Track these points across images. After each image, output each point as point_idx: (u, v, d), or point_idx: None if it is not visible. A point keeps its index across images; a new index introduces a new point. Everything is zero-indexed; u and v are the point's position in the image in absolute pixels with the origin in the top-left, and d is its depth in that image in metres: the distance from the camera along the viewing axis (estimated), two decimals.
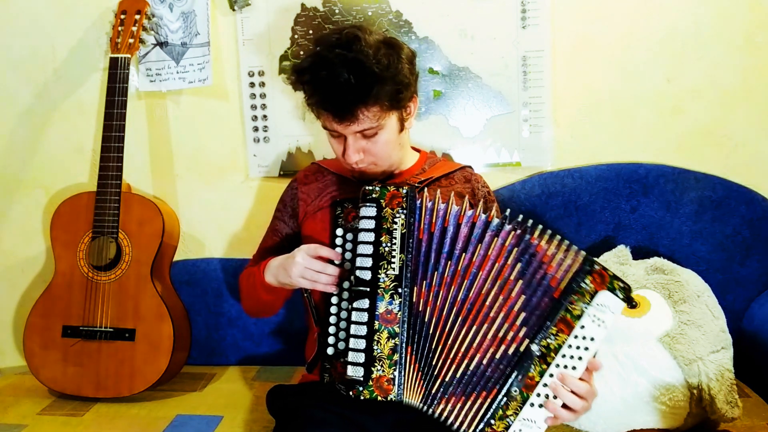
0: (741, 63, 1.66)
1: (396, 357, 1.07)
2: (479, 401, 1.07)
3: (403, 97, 1.24)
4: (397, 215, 1.11)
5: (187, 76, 1.78)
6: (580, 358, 1.04)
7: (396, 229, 1.11)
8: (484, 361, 1.07)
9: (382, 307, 1.08)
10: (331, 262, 1.19)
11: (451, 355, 1.09)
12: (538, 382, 1.05)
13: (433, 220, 1.12)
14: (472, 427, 1.06)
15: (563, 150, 1.73)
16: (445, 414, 1.09)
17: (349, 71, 1.16)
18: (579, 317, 1.04)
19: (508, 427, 1.05)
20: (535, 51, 1.69)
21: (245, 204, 1.84)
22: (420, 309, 1.10)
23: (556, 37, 1.68)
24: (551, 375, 1.04)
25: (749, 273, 1.62)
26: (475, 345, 1.08)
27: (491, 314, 1.08)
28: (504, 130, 1.73)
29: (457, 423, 1.08)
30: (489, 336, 1.08)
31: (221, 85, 1.79)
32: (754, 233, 1.61)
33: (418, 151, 1.48)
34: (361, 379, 1.06)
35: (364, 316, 1.08)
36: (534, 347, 1.05)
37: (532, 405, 1.05)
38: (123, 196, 1.62)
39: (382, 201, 1.12)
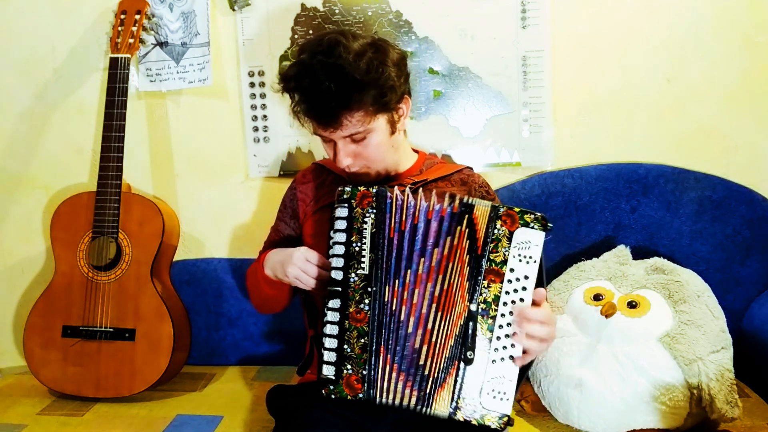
0: (741, 63, 1.66)
1: (365, 356, 1.08)
2: (449, 380, 1.08)
3: (388, 100, 1.22)
4: (367, 215, 1.12)
5: (187, 76, 1.78)
6: (522, 300, 1.07)
7: (366, 229, 1.11)
8: (451, 343, 1.09)
9: (352, 306, 1.09)
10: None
11: (434, 352, 1.10)
12: (491, 338, 1.07)
13: (403, 218, 1.12)
14: (449, 407, 1.08)
15: (563, 150, 1.73)
16: (433, 408, 1.09)
17: (330, 78, 1.16)
18: (504, 263, 1.07)
19: (480, 390, 1.06)
20: (535, 51, 1.69)
21: (245, 204, 1.84)
22: (394, 308, 1.10)
23: (556, 37, 1.68)
24: (500, 326, 1.07)
25: (749, 273, 1.62)
26: (448, 333, 1.09)
27: (455, 299, 1.10)
28: (504, 130, 1.73)
29: (437, 409, 1.09)
30: (453, 317, 1.09)
31: (221, 85, 1.79)
32: (754, 233, 1.61)
33: (417, 152, 1.47)
34: (333, 377, 1.08)
35: (336, 316, 1.09)
36: (473, 306, 1.07)
37: (493, 361, 1.07)
38: (123, 196, 1.62)
39: (353, 201, 1.13)
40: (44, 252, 1.91)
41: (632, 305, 1.37)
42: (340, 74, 1.16)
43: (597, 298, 1.42)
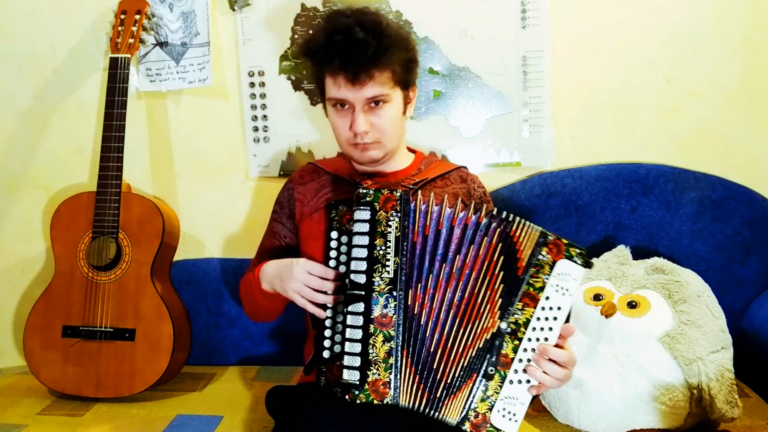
0: (741, 63, 1.66)
1: (392, 360, 1.07)
2: (465, 390, 1.08)
3: (411, 69, 1.30)
4: (392, 218, 1.11)
5: (187, 76, 1.78)
6: (550, 329, 1.06)
7: (390, 233, 1.11)
8: (473, 354, 1.09)
9: (377, 310, 1.08)
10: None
11: (451, 358, 1.10)
12: (513, 359, 1.07)
13: (427, 223, 1.12)
14: (459, 416, 1.07)
15: (563, 150, 1.73)
16: (443, 413, 1.09)
17: (366, 32, 1.21)
18: (542, 289, 1.06)
19: (491, 407, 1.06)
20: (535, 51, 1.69)
21: (245, 204, 1.84)
22: (416, 312, 1.10)
23: (556, 37, 1.68)
24: (525, 350, 1.07)
25: (749, 273, 1.62)
26: (469, 343, 1.09)
27: (482, 310, 1.09)
28: (504, 130, 1.73)
29: (447, 415, 1.09)
30: (478, 330, 1.09)
31: (221, 85, 1.79)
32: (754, 233, 1.61)
33: (413, 152, 1.48)
34: (357, 382, 1.07)
35: (360, 320, 1.08)
36: (503, 325, 1.07)
37: (511, 382, 1.07)
38: (123, 196, 1.62)
39: (376, 204, 1.12)
40: (44, 252, 1.91)
41: (632, 305, 1.37)
42: (376, 28, 1.23)
43: (597, 298, 1.42)
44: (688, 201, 1.64)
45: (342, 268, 1.16)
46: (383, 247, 1.10)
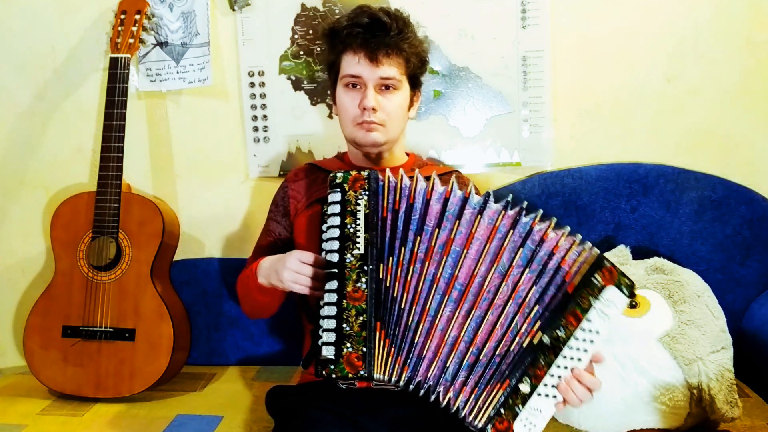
0: (741, 63, 1.66)
1: (365, 333, 1.08)
2: (492, 392, 1.07)
3: (422, 63, 1.39)
4: (360, 197, 1.13)
5: (187, 76, 1.78)
6: (585, 351, 1.06)
7: (360, 210, 1.12)
8: (499, 350, 1.07)
9: (349, 286, 1.09)
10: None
11: (437, 335, 1.08)
12: (546, 373, 1.06)
13: (397, 198, 1.12)
14: (484, 418, 1.07)
15: (563, 150, 1.73)
16: (455, 404, 1.08)
17: (391, 19, 1.32)
18: (587, 311, 1.05)
19: (516, 415, 1.06)
20: (535, 51, 1.69)
21: (245, 204, 1.84)
22: (388, 284, 1.10)
23: (556, 37, 1.68)
24: (558, 366, 1.06)
25: (749, 273, 1.62)
26: (481, 332, 1.08)
27: (496, 301, 1.08)
28: (504, 130, 1.73)
29: (468, 413, 1.07)
30: (499, 325, 1.07)
31: (221, 85, 1.79)
32: (754, 233, 1.61)
33: (408, 155, 1.49)
34: (333, 357, 1.07)
35: (334, 297, 1.09)
36: (546, 339, 1.06)
37: (539, 395, 1.06)
38: (123, 196, 1.62)
39: (345, 185, 1.14)
40: (44, 252, 1.91)
41: (632, 305, 1.37)
42: (399, 19, 1.34)
43: None
44: (688, 201, 1.63)
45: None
46: (353, 225, 1.12)
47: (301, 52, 1.75)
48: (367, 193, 1.13)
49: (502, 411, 1.06)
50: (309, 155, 1.79)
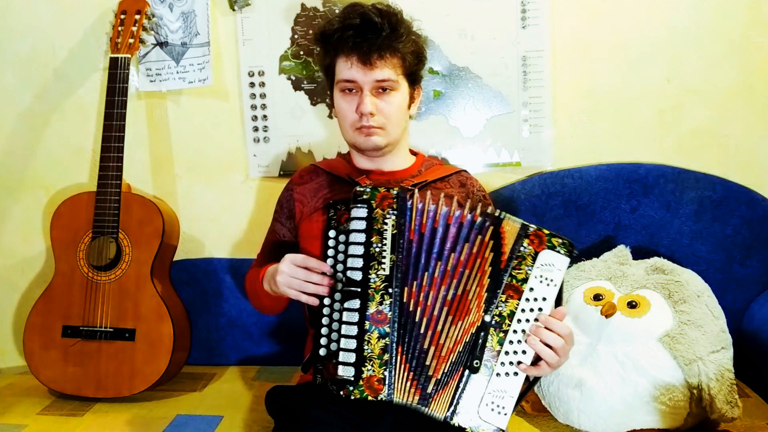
0: (740, 63, 1.66)
1: (386, 357, 1.07)
2: (452, 384, 1.08)
3: (420, 60, 1.35)
4: (388, 216, 1.12)
5: (187, 76, 1.78)
6: (536, 320, 1.07)
7: (387, 230, 1.11)
8: (460, 349, 1.09)
9: (372, 307, 1.08)
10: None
11: (442, 354, 1.10)
12: (499, 351, 1.07)
13: (424, 221, 1.12)
14: (447, 410, 1.07)
15: (563, 150, 1.73)
16: (431, 408, 1.09)
17: (382, 17, 1.28)
18: (525, 280, 1.07)
19: (479, 400, 1.06)
20: (535, 51, 1.69)
21: (245, 204, 1.84)
22: (411, 309, 1.10)
23: (556, 37, 1.69)
24: (511, 341, 1.07)
25: (749, 273, 1.62)
26: (457, 338, 1.09)
27: (470, 307, 1.10)
28: (504, 130, 1.73)
29: (434, 410, 1.08)
30: (465, 325, 1.09)
31: (221, 85, 1.79)
32: (754, 233, 1.61)
33: (415, 154, 1.48)
34: (352, 378, 1.07)
35: (355, 317, 1.08)
36: (487, 317, 1.08)
37: (498, 375, 1.07)
38: (123, 196, 1.62)
39: (372, 202, 1.12)
40: (44, 252, 1.91)
41: (632, 305, 1.37)
42: (392, 17, 1.30)
43: (597, 298, 1.42)
44: (688, 201, 1.63)
45: (340, 267, 1.16)
46: (379, 245, 1.10)
47: (301, 52, 1.75)
48: (395, 212, 1.12)
49: (463, 399, 1.07)
50: (309, 155, 1.79)
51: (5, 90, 1.85)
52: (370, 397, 1.07)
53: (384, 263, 1.10)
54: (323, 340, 1.15)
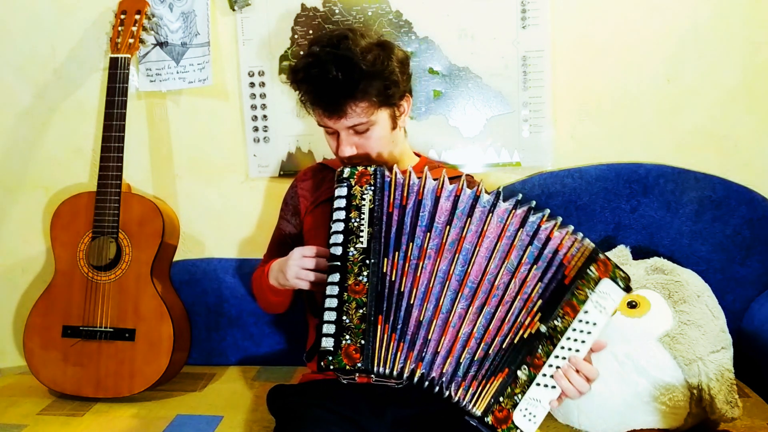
0: (741, 63, 1.66)
1: (364, 326, 1.08)
2: (492, 381, 1.08)
3: (392, 93, 1.27)
4: (366, 192, 1.14)
5: (187, 76, 1.78)
6: (583, 342, 1.07)
7: (364, 205, 1.14)
8: (504, 345, 1.08)
9: (351, 279, 1.10)
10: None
11: (451, 331, 1.08)
12: (544, 363, 1.07)
13: (405, 194, 1.13)
14: (483, 405, 1.07)
15: (563, 150, 1.73)
16: (458, 396, 1.08)
17: (338, 68, 1.21)
18: (584, 302, 1.07)
19: (515, 405, 1.07)
20: (535, 51, 1.69)
21: (245, 204, 1.84)
22: (393, 279, 1.10)
23: (556, 37, 1.68)
24: (557, 356, 1.07)
25: (749, 273, 1.62)
26: (492, 328, 1.08)
27: (506, 298, 1.08)
28: (504, 130, 1.73)
29: (468, 402, 1.08)
30: (506, 320, 1.08)
31: (221, 85, 1.79)
32: (754, 233, 1.61)
33: (418, 156, 1.48)
34: (332, 349, 1.07)
35: (336, 289, 1.10)
36: (543, 328, 1.08)
37: (538, 384, 1.07)
38: (123, 196, 1.62)
39: (351, 180, 1.15)
40: (44, 252, 1.91)
41: (632, 305, 1.37)
42: (347, 64, 1.21)
43: None
44: (688, 201, 1.63)
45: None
46: (357, 219, 1.13)
47: (301, 52, 1.75)
48: (372, 188, 1.14)
49: (501, 399, 1.07)
50: (309, 155, 1.79)
51: (5, 90, 1.85)
52: (347, 366, 1.06)
53: (362, 237, 1.12)
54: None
